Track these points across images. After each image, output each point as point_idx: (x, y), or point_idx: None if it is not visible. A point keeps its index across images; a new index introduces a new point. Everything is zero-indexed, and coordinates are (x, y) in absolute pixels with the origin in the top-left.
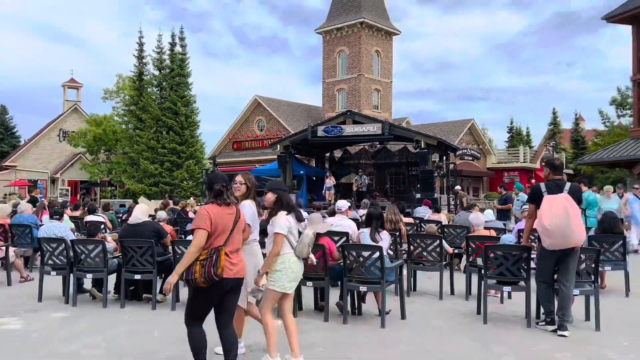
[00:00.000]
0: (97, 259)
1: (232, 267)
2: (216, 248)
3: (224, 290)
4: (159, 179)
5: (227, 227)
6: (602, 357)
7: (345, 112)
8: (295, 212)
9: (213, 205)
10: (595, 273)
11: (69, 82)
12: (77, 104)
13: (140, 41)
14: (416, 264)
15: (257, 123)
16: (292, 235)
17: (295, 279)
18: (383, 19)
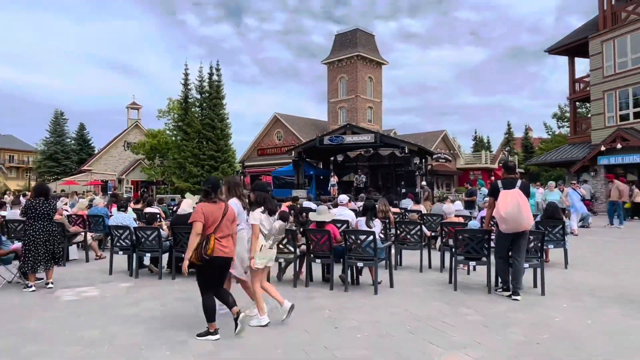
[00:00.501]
0: (153, 242)
1: (222, 249)
2: (208, 235)
3: (217, 266)
4: (201, 178)
5: (217, 219)
6: (546, 317)
7: (346, 125)
8: (268, 208)
9: (205, 203)
10: (541, 251)
11: (132, 104)
12: (138, 122)
13: (185, 72)
14: (402, 245)
15: (276, 134)
16: (262, 226)
17: (266, 258)
18: (374, 52)
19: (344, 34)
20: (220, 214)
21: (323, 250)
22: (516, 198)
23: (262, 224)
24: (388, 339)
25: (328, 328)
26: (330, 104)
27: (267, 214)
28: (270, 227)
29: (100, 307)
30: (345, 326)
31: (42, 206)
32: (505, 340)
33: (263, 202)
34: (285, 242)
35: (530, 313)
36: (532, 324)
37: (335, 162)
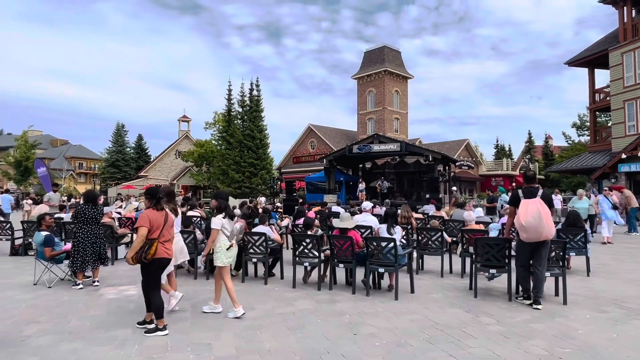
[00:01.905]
0: (190, 244)
1: (166, 251)
2: (151, 240)
3: (163, 266)
4: (242, 184)
5: (160, 225)
6: (569, 328)
7: (373, 135)
8: (228, 213)
9: (151, 210)
10: (563, 260)
11: (182, 117)
12: (188, 133)
13: (229, 88)
14: (423, 250)
15: (310, 143)
16: (225, 229)
17: (229, 257)
18: (401, 67)
19: (372, 51)
20: (163, 221)
21: (346, 255)
22: (537, 207)
23: (224, 227)
24: (406, 349)
25: (347, 334)
26: (360, 115)
27: (228, 218)
28: (232, 229)
29: (137, 306)
30: (364, 332)
31: (90, 211)
32: (526, 354)
33: (225, 208)
34: (310, 247)
35: (551, 324)
36: (553, 336)
37: (364, 169)
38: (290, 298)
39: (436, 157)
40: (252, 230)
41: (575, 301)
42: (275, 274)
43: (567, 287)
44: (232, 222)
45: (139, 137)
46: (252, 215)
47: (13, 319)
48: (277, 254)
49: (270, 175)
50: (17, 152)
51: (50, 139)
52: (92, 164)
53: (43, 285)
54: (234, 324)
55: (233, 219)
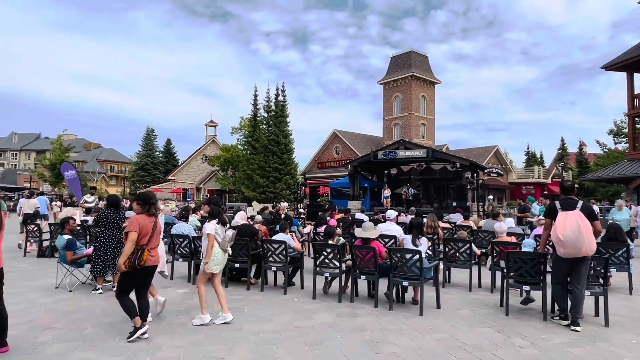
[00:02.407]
0: None
1: (152, 258)
2: (141, 246)
3: (147, 272)
4: (266, 189)
5: (149, 231)
6: (612, 354)
7: (399, 141)
8: (221, 219)
9: (141, 216)
10: (604, 277)
11: (209, 122)
12: (214, 137)
13: (255, 93)
14: (450, 262)
15: (334, 149)
16: (217, 235)
17: (219, 264)
18: (428, 72)
19: (399, 55)
20: (152, 227)
21: (368, 266)
22: (576, 220)
23: (217, 234)
24: None
25: (368, 353)
26: (385, 121)
27: (220, 224)
28: (224, 236)
29: (153, 313)
30: (385, 352)
31: (112, 216)
32: None
33: (218, 214)
34: (331, 257)
35: (592, 348)
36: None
37: (389, 175)
38: (310, 310)
39: (464, 164)
40: (272, 237)
41: (618, 323)
42: (295, 283)
43: (608, 307)
44: (224, 229)
45: (168, 142)
46: (273, 221)
47: (31, 324)
48: (297, 262)
49: (294, 181)
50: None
51: (84, 143)
52: (122, 167)
53: (64, 288)
54: (250, 338)
55: (225, 225)
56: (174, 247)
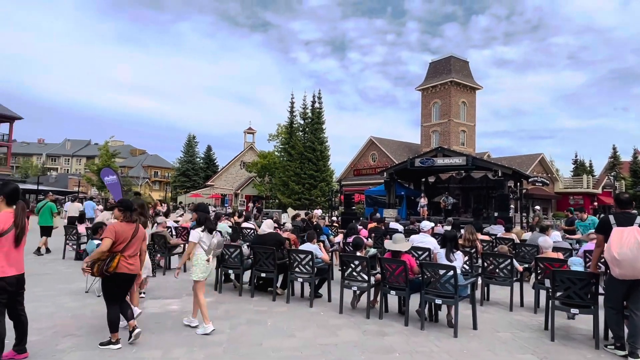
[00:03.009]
0: (235, 259)
1: (128, 266)
2: (114, 253)
3: (121, 280)
4: (301, 195)
5: (127, 238)
6: None
7: (437, 148)
8: (207, 227)
9: (119, 222)
10: None
11: (248, 129)
12: (252, 144)
13: (292, 101)
14: (489, 279)
15: (371, 156)
16: (202, 242)
17: (205, 272)
18: (468, 78)
19: (439, 61)
20: (131, 234)
21: (398, 281)
22: (635, 237)
23: (202, 241)
24: None
25: None
26: (423, 127)
27: (207, 232)
28: (209, 243)
29: (174, 323)
30: None
31: None
32: None
33: (204, 221)
34: (359, 270)
35: None
36: None
37: (427, 183)
38: (335, 326)
39: (506, 173)
40: (300, 247)
41: None
42: (322, 294)
43: None
44: (210, 236)
45: (208, 148)
46: (305, 229)
47: (54, 329)
48: (325, 274)
49: (329, 188)
50: (100, 160)
51: (130, 149)
52: (165, 173)
53: (93, 293)
54: (269, 355)
55: (212, 232)
56: None
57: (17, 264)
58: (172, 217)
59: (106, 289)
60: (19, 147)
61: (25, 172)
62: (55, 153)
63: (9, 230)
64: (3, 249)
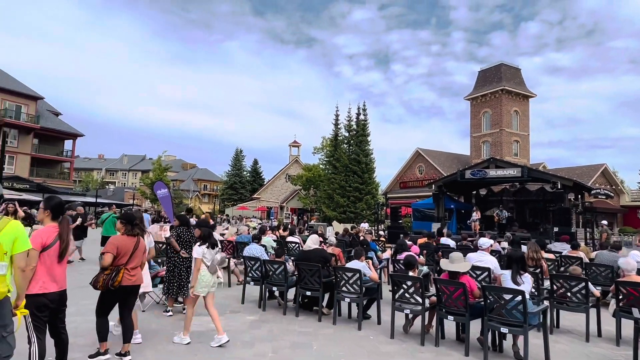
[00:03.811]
0: (280, 276)
1: (130, 278)
2: (118, 266)
3: (125, 293)
4: (346, 208)
5: (128, 251)
6: None
7: (489, 159)
8: (210, 242)
9: (120, 236)
10: None
11: (293, 142)
12: (297, 157)
13: (336, 113)
14: (560, 304)
15: (418, 168)
16: (205, 258)
17: (207, 286)
18: (520, 85)
19: (488, 69)
20: (132, 247)
21: (457, 305)
22: None
23: (204, 257)
24: None
25: None
26: (473, 138)
27: (209, 247)
28: (212, 259)
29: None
30: None
31: (185, 234)
32: None
33: (208, 237)
34: (412, 292)
35: None
36: None
37: (478, 196)
38: (387, 354)
39: (566, 185)
40: (347, 264)
41: None
42: (371, 315)
43: None
44: (212, 252)
45: (255, 162)
46: (352, 244)
47: (96, 345)
48: (374, 294)
49: (375, 201)
50: (153, 175)
51: (181, 163)
52: (214, 186)
53: (138, 308)
54: None
55: (214, 248)
56: (245, 269)
57: (59, 280)
58: (218, 230)
59: (103, 300)
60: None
61: (86, 186)
62: (113, 168)
63: (51, 245)
64: (45, 263)
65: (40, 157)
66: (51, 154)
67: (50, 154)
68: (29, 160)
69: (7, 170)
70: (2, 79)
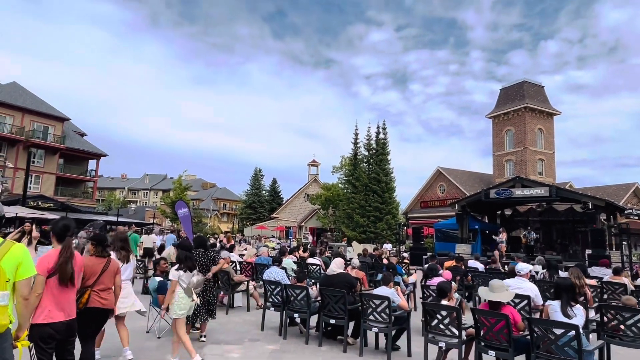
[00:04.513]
0: (302, 302)
1: (101, 300)
2: (83, 288)
3: (93, 315)
4: (366, 228)
5: (96, 272)
6: None
7: (514, 178)
8: (187, 265)
9: (89, 257)
10: None
11: (312, 162)
12: (316, 176)
13: (355, 132)
14: (611, 337)
15: (439, 187)
16: (182, 280)
17: (184, 309)
18: (544, 103)
19: (510, 87)
20: (100, 268)
21: (499, 339)
22: None
23: (181, 279)
24: None
25: None
26: (496, 157)
27: (187, 270)
28: (189, 282)
29: None
30: None
31: (200, 257)
32: None
33: (184, 259)
34: (447, 322)
35: None
36: None
37: (503, 216)
38: None
39: (598, 205)
40: (374, 290)
41: None
42: (400, 347)
43: None
44: (189, 275)
45: (274, 181)
46: (374, 266)
47: None
48: (404, 323)
49: (395, 220)
50: (173, 194)
51: (201, 182)
52: (233, 205)
53: (153, 334)
54: None
55: (192, 270)
56: (265, 293)
57: (67, 308)
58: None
59: (80, 325)
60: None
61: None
62: (135, 187)
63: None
64: (52, 290)
65: (65, 177)
66: (76, 173)
67: (75, 173)
68: (54, 180)
69: (33, 189)
70: (32, 101)
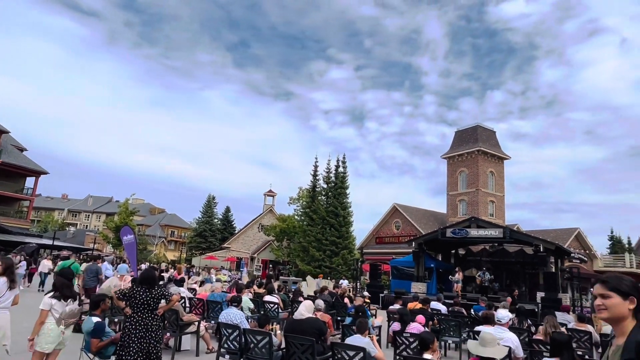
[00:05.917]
0: (263, 350)
1: None
2: None
3: None
4: (322, 262)
5: None
6: None
7: (470, 218)
8: (63, 294)
9: None
10: None
11: (268, 192)
12: (272, 207)
13: (315, 164)
14: None
15: (394, 224)
16: (54, 310)
17: (52, 342)
18: (496, 147)
19: (465, 130)
20: None
21: None
22: None
23: (53, 309)
24: None
25: None
26: (450, 196)
27: (61, 299)
28: (62, 311)
29: None
30: None
31: (142, 295)
32: None
33: (60, 287)
34: None
35: None
36: None
37: (457, 255)
38: None
39: (549, 248)
40: (347, 340)
41: None
42: None
43: None
44: (63, 304)
45: (227, 209)
46: (335, 306)
47: None
48: None
49: (352, 256)
50: (118, 218)
51: (149, 207)
52: (182, 233)
53: None
54: None
55: (67, 300)
56: (220, 338)
57: None
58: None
59: None
60: (43, 202)
61: (44, 227)
62: (76, 209)
63: None
64: None
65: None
66: (10, 190)
67: (8, 190)
68: None
69: None
70: None
